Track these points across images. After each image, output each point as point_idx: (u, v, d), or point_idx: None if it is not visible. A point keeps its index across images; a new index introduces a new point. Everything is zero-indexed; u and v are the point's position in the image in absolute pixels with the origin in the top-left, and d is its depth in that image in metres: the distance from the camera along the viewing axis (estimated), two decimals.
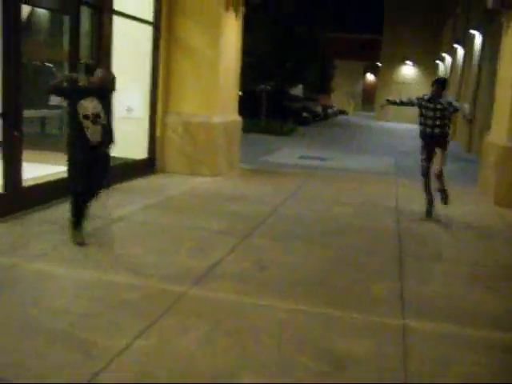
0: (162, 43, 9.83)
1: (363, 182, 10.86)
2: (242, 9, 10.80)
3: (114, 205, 7.47)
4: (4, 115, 6.30)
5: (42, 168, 7.59)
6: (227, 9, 9.99)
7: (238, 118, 11.33)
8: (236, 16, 10.54)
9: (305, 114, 26.43)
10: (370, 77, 52.01)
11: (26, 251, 5.26)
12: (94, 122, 5.44)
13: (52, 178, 7.16)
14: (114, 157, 10.01)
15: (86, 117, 5.38)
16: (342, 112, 42.07)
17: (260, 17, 19.47)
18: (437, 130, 7.34)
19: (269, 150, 16.35)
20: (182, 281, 4.72)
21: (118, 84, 10.01)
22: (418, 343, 3.86)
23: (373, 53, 46.22)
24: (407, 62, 41.10)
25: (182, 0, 9.81)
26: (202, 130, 10.04)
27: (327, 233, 6.66)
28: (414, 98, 7.83)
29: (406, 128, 29.38)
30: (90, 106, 5.40)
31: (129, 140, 10.13)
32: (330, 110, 34.60)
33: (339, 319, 4.19)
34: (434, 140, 7.42)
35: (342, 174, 12.02)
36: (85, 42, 8.16)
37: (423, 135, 7.53)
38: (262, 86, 22.72)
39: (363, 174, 12.47)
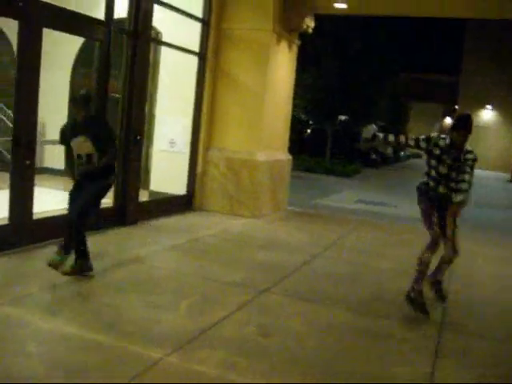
0: (208, 75, 9.36)
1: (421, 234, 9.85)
2: (296, 42, 10.20)
3: (137, 243, 6.97)
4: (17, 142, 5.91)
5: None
6: (278, 41, 9.42)
7: (286, 157, 10.64)
8: (289, 49, 9.95)
9: (373, 156, 25.42)
10: (447, 120, 50.37)
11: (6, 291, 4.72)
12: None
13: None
14: (152, 191, 9.71)
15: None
16: (415, 155, 40.56)
17: (327, 52, 18.88)
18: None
19: (327, 191, 15.56)
20: (164, 344, 4.01)
21: (162, 115, 9.73)
22: None
23: (451, 95, 44.67)
24: (487, 106, 39.33)
25: (230, 30, 9.33)
26: (244, 168, 9.41)
27: (355, 296, 5.75)
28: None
29: (491, 176, 27.76)
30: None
31: (169, 175, 9.70)
32: (401, 153, 33.33)
33: None
34: None
35: (398, 223, 11.04)
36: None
37: None
38: (341, 118, 21.99)
39: None
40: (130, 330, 4.22)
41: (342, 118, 25.38)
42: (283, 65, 9.90)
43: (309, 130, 26.87)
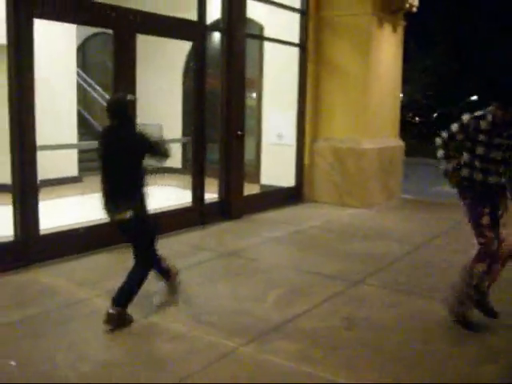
0: (310, 65, 9.28)
1: None
2: (401, 23, 9.80)
3: (238, 237, 7.11)
4: None
5: None
6: (380, 25, 9.10)
7: (397, 143, 10.26)
8: (393, 31, 9.58)
9: None
10: None
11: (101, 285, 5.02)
12: None
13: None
14: (263, 185, 9.84)
15: None
16: None
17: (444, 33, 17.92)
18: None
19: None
20: (242, 335, 4.05)
21: (269, 109, 9.82)
22: None
23: None
24: None
25: (329, 18, 9.17)
26: (351, 157, 9.22)
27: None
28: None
29: None
30: None
31: (278, 168, 9.77)
32: None
33: None
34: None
35: None
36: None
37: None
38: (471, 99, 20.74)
39: None
40: (212, 321, 4.30)
41: (472, 98, 24.04)
42: (387, 48, 9.56)
43: (435, 115, 25.73)
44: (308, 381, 3.45)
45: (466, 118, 4.25)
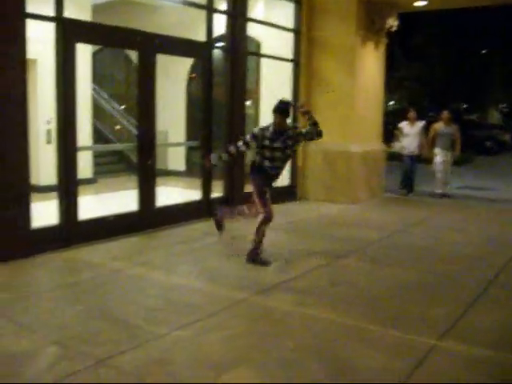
0: (302, 79, 10.55)
1: None
2: (383, 40, 11.09)
3: (239, 225, 8.26)
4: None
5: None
6: (364, 43, 10.39)
7: (380, 147, 11.53)
8: (376, 48, 10.87)
9: (488, 144, 25.09)
10: None
11: (136, 258, 6.24)
12: None
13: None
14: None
15: None
16: None
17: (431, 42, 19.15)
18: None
19: (431, 179, 16.04)
20: (249, 290, 5.25)
21: (265, 116, 11.05)
22: (435, 362, 3.92)
23: None
24: None
25: (319, 37, 10.45)
26: (340, 159, 10.48)
27: (425, 261, 6.65)
28: None
29: None
30: None
31: None
32: None
33: (370, 332, 4.38)
34: None
35: (496, 205, 11.48)
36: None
37: None
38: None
39: None
40: (226, 282, 5.51)
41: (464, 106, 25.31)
42: (371, 63, 10.85)
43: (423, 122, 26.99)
44: (303, 317, 4.65)
45: (255, 129, 6.22)
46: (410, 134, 11.66)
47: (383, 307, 4.99)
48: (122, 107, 15.42)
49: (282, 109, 6.04)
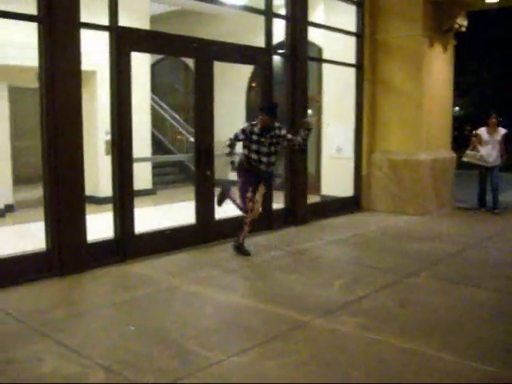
0: (366, 84, 10.08)
1: None
2: (451, 42, 10.49)
3: (303, 239, 7.91)
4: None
5: None
6: (431, 45, 9.83)
7: (450, 155, 10.89)
8: (444, 50, 10.29)
9: None
10: None
11: (191, 274, 5.95)
12: None
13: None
14: (323, 195, 10.65)
15: None
16: None
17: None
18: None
19: (504, 188, 15.18)
20: (313, 311, 4.86)
21: (328, 124, 10.65)
22: None
23: None
24: None
25: (383, 40, 9.97)
26: (406, 168, 9.94)
27: (502, 277, 6.08)
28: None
29: None
30: None
31: (337, 179, 10.58)
32: None
33: (444, 363, 3.90)
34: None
35: None
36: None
37: None
38: None
39: None
40: (287, 302, 5.14)
41: None
42: (439, 66, 10.27)
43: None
44: (370, 343, 4.22)
45: (245, 125, 6.81)
46: (489, 141, 10.13)
47: (459, 333, 4.48)
48: (182, 117, 15.34)
49: (268, 109, 6.64)
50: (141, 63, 11.08)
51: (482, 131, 10.23)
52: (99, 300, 5.28)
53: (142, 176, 11.61)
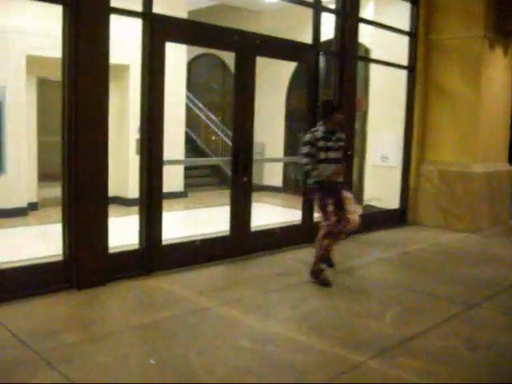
0: (418, 87, 9.27)
1: None
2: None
3: (349, 255, 7.19)
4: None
5: None
6: (491, 47, 8.97)
7: (506, 168, 10.00)
8: (504, 54, 9.41)
9: None
10: None
11: (225, 294, 5.26)
12: None
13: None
14: (366, 205, 9.88)
15: None
16: None
17: None
18: None
19: None
20: (365, 350, 4.12)
21: (374, 130, 9.87)
22: None
23: None
24: None
25: (439, 40, 9.14)
26: (459, 181, 9.09)
27: None
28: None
29: None
30: None
31: (381, 189, 9.79)
32: None
33: None
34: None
35: None
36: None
37: None
38: None
39: None
40: (335, 335, 4.41)
41: None
42: (498, 71, 9.38)
43: None
44: None
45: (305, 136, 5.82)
46: None
47: None
48: (218, 118, 14.73)
49: (338, 105, 5.97)
50: (177, 57, 10.49)
51: None
52: (118, 322, 4.61)
53: (174, 177, 11.01)
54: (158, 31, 5.65)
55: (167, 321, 4.64)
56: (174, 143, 10.52)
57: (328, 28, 7.85)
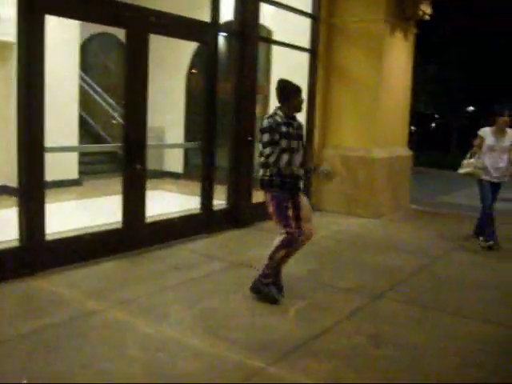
0: (320, 71, 9.09)
1: None
2: (413, 30, 9.64)
3: (250, 245, 6.90)
4: None
5: None
6: (392, 32, 8.94)
7: (406, 153, 10.09)
8: (405, 39, 9.42)
9: None
10: None
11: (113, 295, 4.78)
12: None
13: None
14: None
15: None
16: None
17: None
18: None
19: (451, 188, 14.67)
20: (266, 353, 3.82)
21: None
22: None
23: None
24: None
25: (341, 24, 9.02)
26: (360, 165, 9.04)
27: (485, 304, 5.21)
28: None
29: None
30: None
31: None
32: None
33: None
34: None
35: None
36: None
37: None
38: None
39: None
40: (233, 337, 4.08)
41: (470, 109, 24.07)
42: (399, 56, 9.40)
43: (433, 124, 25.66)
44: None
45: (265, 122, 4.75)
46: (496, 148, 7.17)
47: None
48: (115, 101, 13.97)
49: (297, 87, 4.83)
50: (66, 33, 9.70)
51: (486, 133, 7.25)
52: None
53: (66, 164, 10.24)
54: (37, 2, 5.02)
55: (49, 329, 4.13)
56: (65, 128, 9.77)
57: (231, 8, 7.46)
